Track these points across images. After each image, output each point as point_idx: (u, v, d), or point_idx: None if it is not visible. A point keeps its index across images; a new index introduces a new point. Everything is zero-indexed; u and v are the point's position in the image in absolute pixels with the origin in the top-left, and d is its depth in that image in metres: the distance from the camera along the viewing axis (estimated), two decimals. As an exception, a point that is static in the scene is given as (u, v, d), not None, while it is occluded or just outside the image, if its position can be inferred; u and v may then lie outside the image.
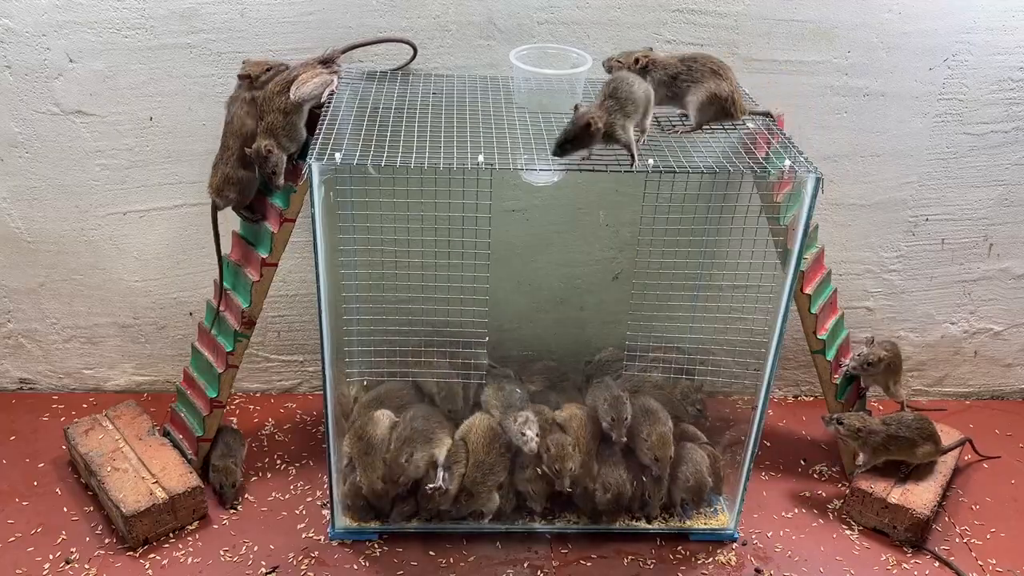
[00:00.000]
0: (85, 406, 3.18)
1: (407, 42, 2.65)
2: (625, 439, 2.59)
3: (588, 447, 2.62)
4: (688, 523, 2.72)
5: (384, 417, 2.68)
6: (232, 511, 2.74)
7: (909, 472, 2.82)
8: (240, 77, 2.49)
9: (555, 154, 2.08)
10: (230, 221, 2.69)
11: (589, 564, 2.62)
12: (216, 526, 2.70)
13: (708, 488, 2.69)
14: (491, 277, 2.49)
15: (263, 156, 2.36)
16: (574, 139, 2.07)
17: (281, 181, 2.40)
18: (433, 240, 2.44)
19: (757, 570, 2.62)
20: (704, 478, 2.66)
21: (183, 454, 2.78)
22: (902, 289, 3.24)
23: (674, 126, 2.34)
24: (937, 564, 2.66)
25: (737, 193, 2.54)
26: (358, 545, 2.64)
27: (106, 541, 2.61)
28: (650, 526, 2.70)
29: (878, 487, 2.77)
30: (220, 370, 2.68)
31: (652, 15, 2.71)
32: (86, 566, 2.52)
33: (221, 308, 2.69)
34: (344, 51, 2.56)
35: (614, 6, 2.69)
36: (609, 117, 2.09)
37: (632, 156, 2.11)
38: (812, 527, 2.79)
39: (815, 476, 3.02)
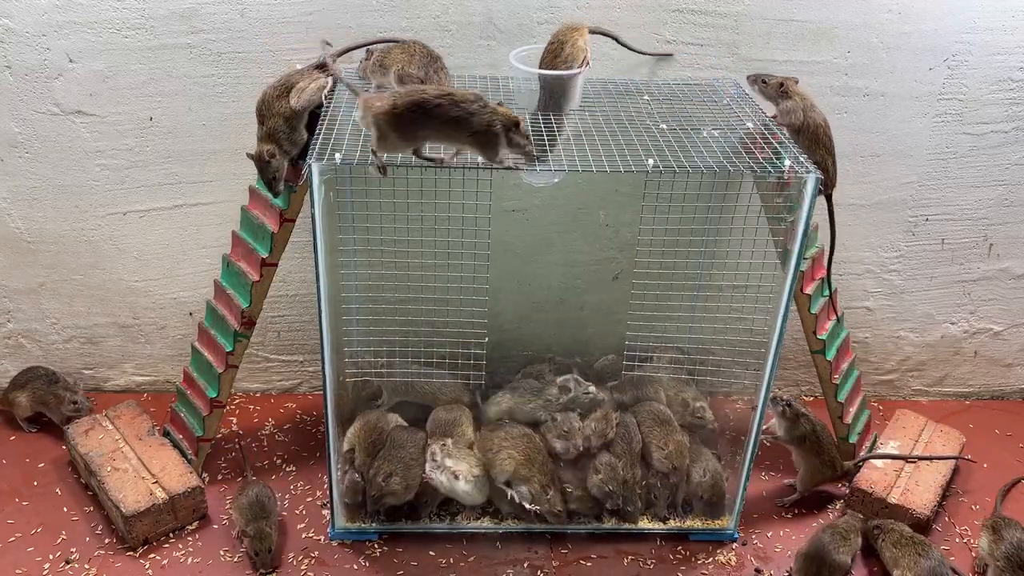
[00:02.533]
0: (85, 406, 3.18)
1: (401, 42, 2.63)
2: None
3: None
4: (688, 523, 2.72)
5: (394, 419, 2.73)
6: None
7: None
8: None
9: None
10: (230, 221, 2.69)
11: (589, 564, 2.62)
12: (216, 526, 2.70)
13: (723, 490, 2.71)
14: (491, 277, 2.49)
15: (265, 161, 2.35)
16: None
17: (281, 188, 2.39)
18: (433, 240, 2.44)
19: (757, 570, 2.63)
20: (720, 481, 2.69)
21: (183, 454, 2.78)
22: (902, 289, 3.24)
23: None
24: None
25: (737, 193, 2.54)
26: (358, 545, 2.64)
27: (106, 541, 2.61)
28: (650, 526, 2.70)
29: (878, 487, 2.77)
30: (220, 370, 2.68)
31: (652, 15, 2.71)
32: (86, 566, 2.52)
33: (222, 309, 2.70)
34: (339, 55, 2.53)
35: (614, 6, 2.69)
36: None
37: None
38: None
39: (815, 476, 3.02)
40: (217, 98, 2.74)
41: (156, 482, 2.63)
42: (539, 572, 2.57)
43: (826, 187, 2.59)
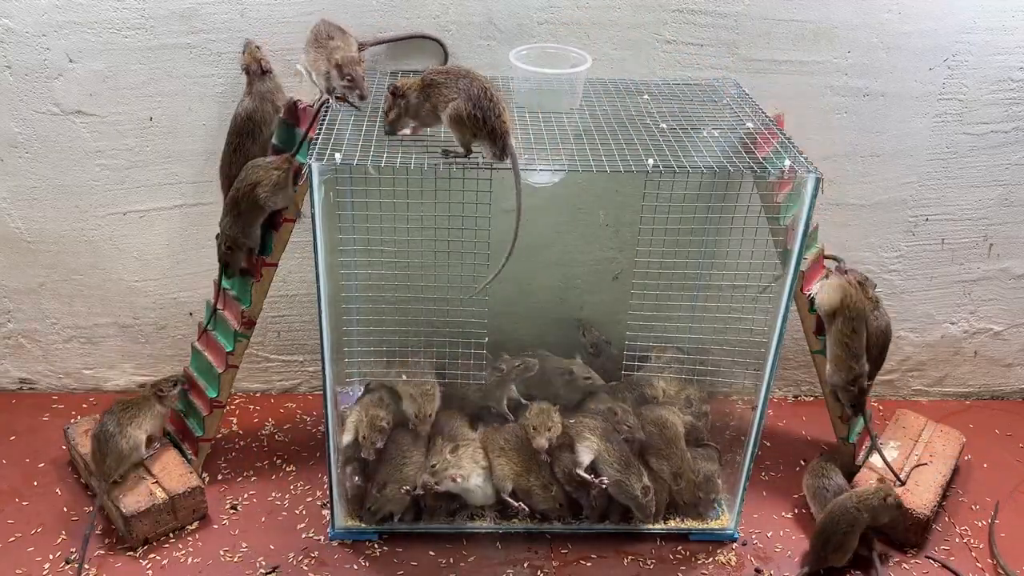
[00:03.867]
0: (85, 406, 3.18)
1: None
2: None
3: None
4: (688, 523, 2.72)
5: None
6: (233, 511, 2.75)
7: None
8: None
9: None
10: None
11: (589, 564, 2.62)
12: (216, 526, 2.70)
13: (717, 494, 2.72)
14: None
15: (226, 251, 2.56)
16: None
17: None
18: (433, 240, 2.44)
19: (757, 570, 2.62)
20: (715, 484, 2.70)
21: (183, 454, 2.78)
22: (902, 289, 3.24)
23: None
24: (937, 565, 2.67)
25: (737, 193, 2.54)
26: (358, 545, 2.64)
27: (106, 541, 2.61)
28: (651, 526, 2.70)
29: (878, 487, 2.77)
30: (220, 370, 2.68)
31: (652, 15, 2.71)
32: (86, 566, 2.52)
33: (219, 307, 2.70)
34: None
35: (614, 6, 2.69)
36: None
37: None
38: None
39: (815, 476, 3.02)
40: (217, 98, 2.74)
41: (156, 482, 2.63)
42: (539, 572, 2.57)
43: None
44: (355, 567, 2.57)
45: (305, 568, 2.56)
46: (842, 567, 2.59)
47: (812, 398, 3.45)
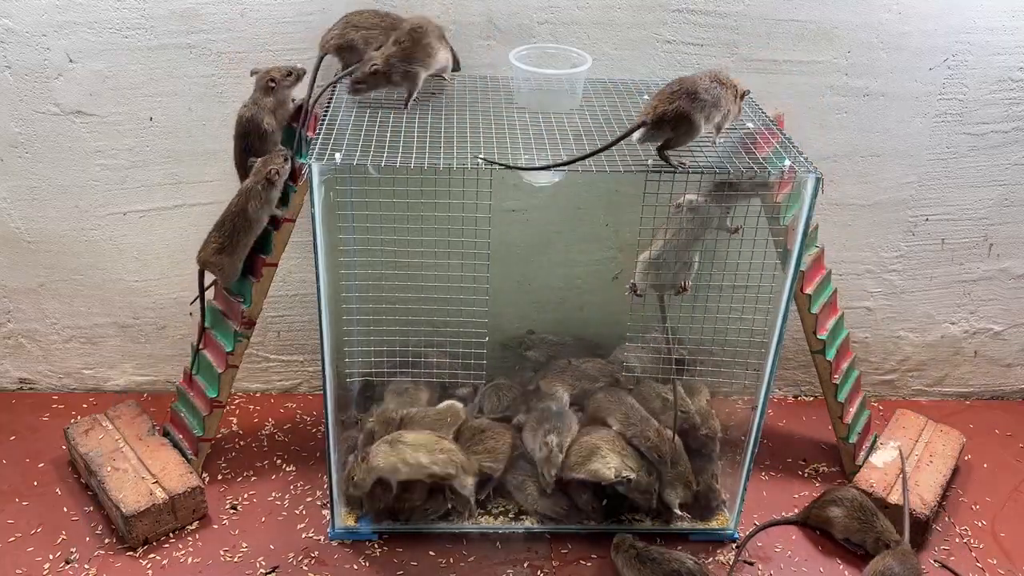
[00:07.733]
0: (85, 406, 3.18)
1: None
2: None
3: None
4: (688, 523, 2.72)
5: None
6: (233, 511, 2.75)
7: None
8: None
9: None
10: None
11: (589, 564, 2.62)
12: (216, 526, 2.70)
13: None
14: (491, 277, 2.49)
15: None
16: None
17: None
18: (433, 240, 2.44)
19: (748, 563, 2.62)
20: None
21: (183, 454, 2.78)
22: (902, 289, 3.24)
23: None
24: (937, 565, 2.67)
25: (737, 193, 2.54)
26: (358, 545, 2.64)
27: (106, 541, 2.62)
28: (651, 526, 2.70)
29: (878, 487, 2.77)
30: (220, 370, 2.68)
31: (652, 15, 2.71)
32: (86, 566, 2.52)
33: (220, 315, 2.70)
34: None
35: (614, 6, 2.69)
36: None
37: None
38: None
39: (815, 476, 3.02)
40: (217, 98, 2.74)
41: (156, 482, 2.63)
42: (539, 572, 2.58)
43: None
44: (355, 567, 2.57)
45: (305, 568, 2.56)
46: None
47: (812, 398, 3.45)
